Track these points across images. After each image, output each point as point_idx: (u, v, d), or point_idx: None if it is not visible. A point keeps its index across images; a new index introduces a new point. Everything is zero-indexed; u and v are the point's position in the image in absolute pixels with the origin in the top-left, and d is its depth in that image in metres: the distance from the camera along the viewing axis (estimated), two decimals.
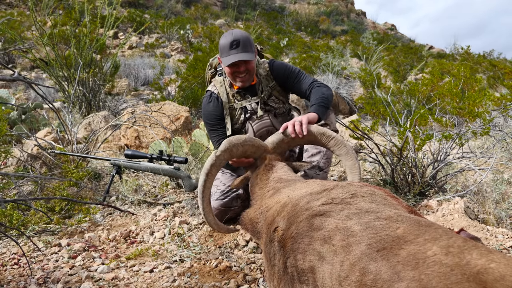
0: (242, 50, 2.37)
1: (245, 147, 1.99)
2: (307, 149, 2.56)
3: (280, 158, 2.10)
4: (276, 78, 2.64)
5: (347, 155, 2.02)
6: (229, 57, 2.38)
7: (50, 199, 2.73)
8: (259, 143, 2.05)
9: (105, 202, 3.02)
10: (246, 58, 2.37)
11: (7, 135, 3.86)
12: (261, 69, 2.66)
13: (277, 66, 2.65)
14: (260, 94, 2.63)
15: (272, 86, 2.66)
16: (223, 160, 1.95)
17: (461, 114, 3.80)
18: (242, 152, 2.01)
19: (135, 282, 1.82)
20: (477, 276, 0.83)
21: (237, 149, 1.96)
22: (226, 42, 2.39)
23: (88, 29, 5.87)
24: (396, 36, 22.44)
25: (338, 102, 7.94)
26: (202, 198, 1.91)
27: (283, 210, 1.44)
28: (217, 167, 1.93)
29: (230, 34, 2.41)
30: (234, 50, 2.37)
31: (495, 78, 8.71)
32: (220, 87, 2.65)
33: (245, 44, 2.38)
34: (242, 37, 2.37)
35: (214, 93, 2.65)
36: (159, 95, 7.71)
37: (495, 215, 2.40)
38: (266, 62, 2.69)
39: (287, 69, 2.62)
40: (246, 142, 1.98)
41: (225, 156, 1.94)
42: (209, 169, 1.90)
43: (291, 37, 15.71)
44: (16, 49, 6.99)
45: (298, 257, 1.20)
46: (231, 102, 2.64)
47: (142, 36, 14.39)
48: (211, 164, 1.90)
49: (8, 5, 14.19)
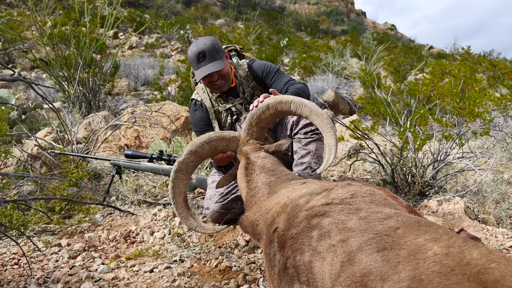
0: (210, 61, 2.37)
1: (212, 143, 1.90)
2: (296, 151, 2.56)
3: (259, 145, 1.96)
4: (255, 78, 2.66)
5: (312, 114, 1.81)
6: (198, 71, 2.39)
7: (50, 199, 2.73)
8: (228, 135, 1.95)
9: (105, 202, 3.02)
10: (215, 70, 2.36)
11: (7, 135, 3.86)
12: (240, 70, 2.67)
13: (256, 67, 2.65)
14: (242, 95, 2.65)
15: (253, 86, 2.68)
16: (190, 163, 1.87)
17: (461, 114, 3.80)
18: (211, 150, 1.92)
19: (135, 282, 1.82)
20: (477, 276, 0.83)
21: (202, 148, 1.88)
22: (192, 55, 2.38)
23: (88, 29, 5.87)
24: (396, 36, 22.43)
25: (338, 102, 7.94)
26: (175, 205, 1.86)
27: (283, 211, 1.44)
28: (184, 171, 1.87)
29: (195, 45, 2.39)
30: (202, 63, 2.37)
31: (495, 78, 8.71)
32: (203, 93, 2.70)
33: (211, 54, 2.37)
34: (206, 47, 2.36)
35: (198, 100, 2.70)
36: (159, 95, 7.71)
37: (495, 215, 2.40)
38: (245, 63, 2.69)
39: (265, 69, 2.62)
40: (211, 138, 1.90)
41: (190, 158, 1.87)
42: (175, 176, 1.85)
43: (291, 37, 15.70)
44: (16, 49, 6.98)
45: (298, 257, 1.20)
46: (215, 106, 2.68)
47: (142, 36, 14.39)
48: (175, 170, 1.85)
49: (8, 5, 14.19)
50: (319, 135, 2.54)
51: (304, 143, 2.52)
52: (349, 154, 3.68)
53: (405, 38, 23.23)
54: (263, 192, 1.73)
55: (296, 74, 10.16)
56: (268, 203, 1.63)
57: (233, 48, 2.82)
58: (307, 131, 2.51)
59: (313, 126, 2.51)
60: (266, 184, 1.75)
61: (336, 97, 7.89)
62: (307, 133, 2.51)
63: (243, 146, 1.95)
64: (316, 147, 2.50)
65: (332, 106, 7.62)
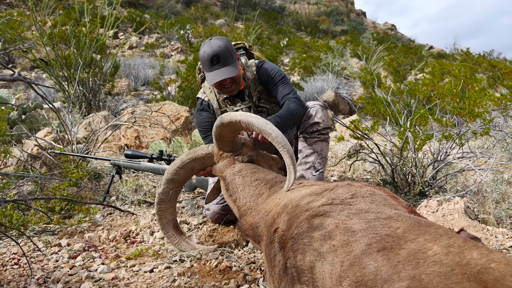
0: (223, 65, 2.30)
1: (187, 166, 1.87)
2: (301, 150, 2.54)
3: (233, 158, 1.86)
4: (262, 82, 2.61)
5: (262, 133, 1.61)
6: (211, 75, 2.32)
7: (50, 199, 2.73)
8: (201, 153, 1.90)
9: (105, 202, 3.02)
10: (229, 76, 2.30)
11: (7, 135, 3.86)
12: (248, 72, 2.60)
13: (263, 71, 2.58)
14: (249, 99, 2.61)
15: (260, 91, 2.63)
16: (170, 191, 1.86)
17: (461, 114, 3.80)
18: (188, 172, 1.89)
19: (135, 282, 1.82)
20: (477, 276, 0.83)
21: (178, 175, 1.86)
22: (205, 56, 2.31)
23: (88, 29, 5.87)
24: (396, 36, 22.43)
25: (338, 102, 7.94)
26: (166, 234, 1.90)
27: (283, 211, 1.44)
28: (166, 201, 1.87)
29: (208, 47, 2.31)
30: (215, 66, 2.29)
31: (495, 78, 8.71)
32: (210, 93, 2.63)
33: (225, 57, 2.29)
34: (220, 50, 2.28)
35: (204, 100, 2.65)
36: (159, 95, 7.71)
37: (495, 215, 2.40)
38: (254, 65, 2.62)
39: (270, 75, 2.56)
40: (183, 162, 1.86)
41: (169, 187, 1.86)
42: (158, 208, 1.86)
43: (291, 37, 15.70)
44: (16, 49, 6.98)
45: (299, 257, 1.20)
46: (222, 107, 2.63)
47: (142, 36, 14.39)
48: (157, 202, 1.86)
49: (8, 5, 14.19)
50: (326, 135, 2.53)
51: (309, 143, 2.51)
52: (349, 154, 3.69)
53: (405, 38, 23.23)
54: (256, 201, 1.70)
55: (296, 74, 10.17)
56: (266, 206, 1.63)
57: (242, 46, 2.73)
58: (313, 131, 2.49)
59: (319, 126, 2.48)
60: (256, 195, 1.71)
61: (336, 97, 7.90)
62: (313, 133, 2.49)
63: (218, 162, 1.90)
64: (321, 148, 2.49)
65: (332, 106, 7.63)
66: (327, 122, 2.54)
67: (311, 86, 8.36)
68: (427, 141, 2.89)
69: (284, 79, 2.56)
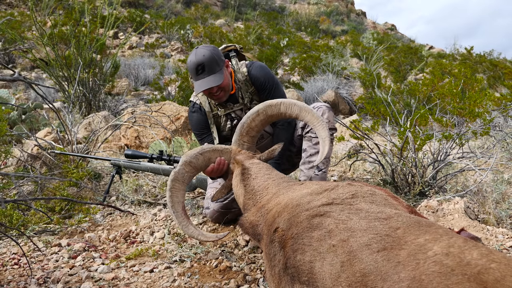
0: (209, 73, 2.33)
1: (206, 155, 1.96)
2: (305, 149, 2.55)
3: (252, 154, 2.02)
4: (254, 83, 2.61)
5: (302, 111, 1.86)
6: (197, 84, 2.35)
7: (50, 199, 2.73)
8: (221, 147, 2.02)
9: (105, 202, 3.02)
10: (214, 85, 2.33)
11: (7, 135, 3.86)
12: (239, 73, 2.61)
13: (255, 72, 2.59)
14: (241, 101, 2.62)
15: (252, 92, 2.63)
16: (185, 174, 1.90)
17: (461, 114, 3.80)
18: (205, 161, 1.97)
19: (135, 282, 1.82)
20: (478, 276, 0.83)
21: (197, 159, 1.93)
22: (191, 66, 2.35)
23: (88, 29, 5.88)
24: (396, 36, 22.42)
25: (338, 102, 7.94)
26: (175, 214, 1.86)
27: (283, 211, 1.44)
28: (180, 181, 1.89)
29: (194, 56, 2.35)
30: (201, 75, 2.33)
31: (495, 78, 8.72)
32: (202, 96, 2.65)
33: (211, 66, 2.32)
34: (205, 59, 2.31)
35: (196, 103, 2.67)
36: (159, 95, 7.72)
37: (495, 215, 2.40)
38: (244, 66, 2.63)
39: (262, 81, 2.57)
40: (204, 150, 1.96)
41: (186, 169, 1.90)
42: (172, 185, 1.87)
43: (291, 37, 15.69)
44: (16, 49, 6.99)
45: (298, 257, 1.20)
46: (214, 110, 2.65)
47: (142, 36, 14.39)
48: (172, 179, 1.87)
49: (8, 5, 14.19)
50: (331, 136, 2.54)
51: (314, 142, 2.52)
52: (349, 154, 3.68)
53: (405, 38, 23.22)
54: (261, 195, 1.74)
55: (296, 74, 10.17)
56: (268, 204, 1.63)
57: (233, 48, 2.77)
58: None
59: None
60: (263, 187, 1.75)
61: (336, 97, 7.90)
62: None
63: (236, 156, 2.00)
64: None
65: (332, 106, 7.62)
66: (332, 123, 2.56)
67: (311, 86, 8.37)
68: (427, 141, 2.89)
69: (278, 87, 2.62)
